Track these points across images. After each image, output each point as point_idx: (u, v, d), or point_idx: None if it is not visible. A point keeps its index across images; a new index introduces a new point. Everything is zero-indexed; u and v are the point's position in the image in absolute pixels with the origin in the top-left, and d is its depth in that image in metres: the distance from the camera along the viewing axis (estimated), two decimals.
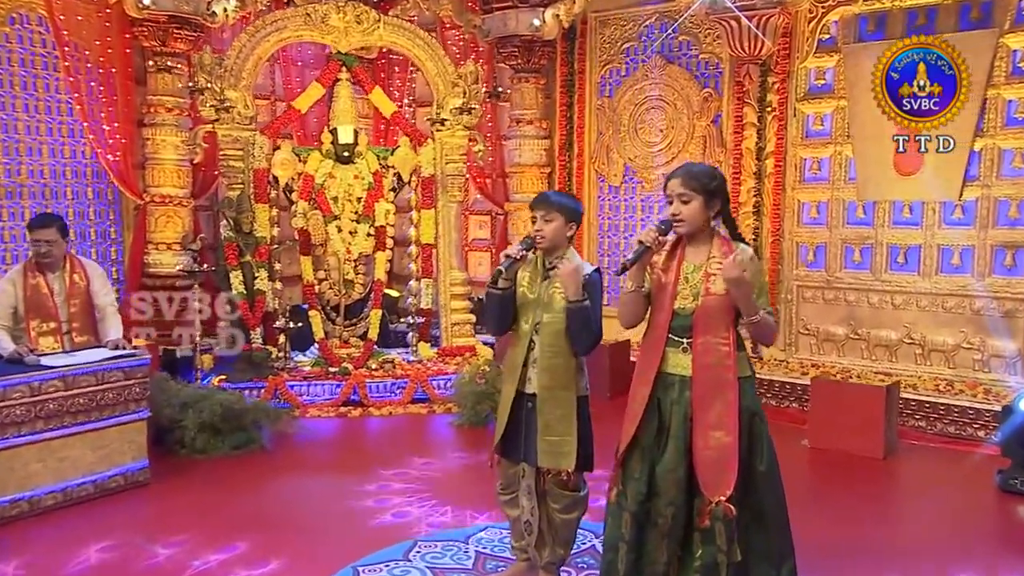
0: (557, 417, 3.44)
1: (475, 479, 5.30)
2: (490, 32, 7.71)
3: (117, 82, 7.00)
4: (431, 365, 6.99)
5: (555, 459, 3.45)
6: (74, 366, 4.76)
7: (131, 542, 4.28)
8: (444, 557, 4.09)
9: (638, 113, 7.69)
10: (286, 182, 7.04)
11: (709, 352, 3.08)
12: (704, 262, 3.13)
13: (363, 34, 7.02)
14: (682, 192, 3.10)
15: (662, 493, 3.11)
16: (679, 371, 3.14)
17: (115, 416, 4.91)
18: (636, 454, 3.19)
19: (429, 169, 7.22)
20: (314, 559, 4.08)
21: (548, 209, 3.49)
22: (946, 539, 4.45)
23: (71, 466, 4.75)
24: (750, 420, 3.11)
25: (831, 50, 6.69)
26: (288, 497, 5.01)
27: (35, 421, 4.59)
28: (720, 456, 3.03)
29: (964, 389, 6.14)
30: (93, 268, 5.48)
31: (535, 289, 3.49)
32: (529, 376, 3.50)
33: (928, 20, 6.30)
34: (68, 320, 5.24)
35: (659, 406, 3.17)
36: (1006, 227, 6.08)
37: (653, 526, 3.16)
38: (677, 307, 3.13)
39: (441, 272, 7.33)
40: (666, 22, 7.43)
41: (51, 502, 4.66)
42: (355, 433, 6.30)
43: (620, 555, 3.20)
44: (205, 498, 4.92)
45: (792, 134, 6.90)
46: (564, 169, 8.09)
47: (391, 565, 4.00)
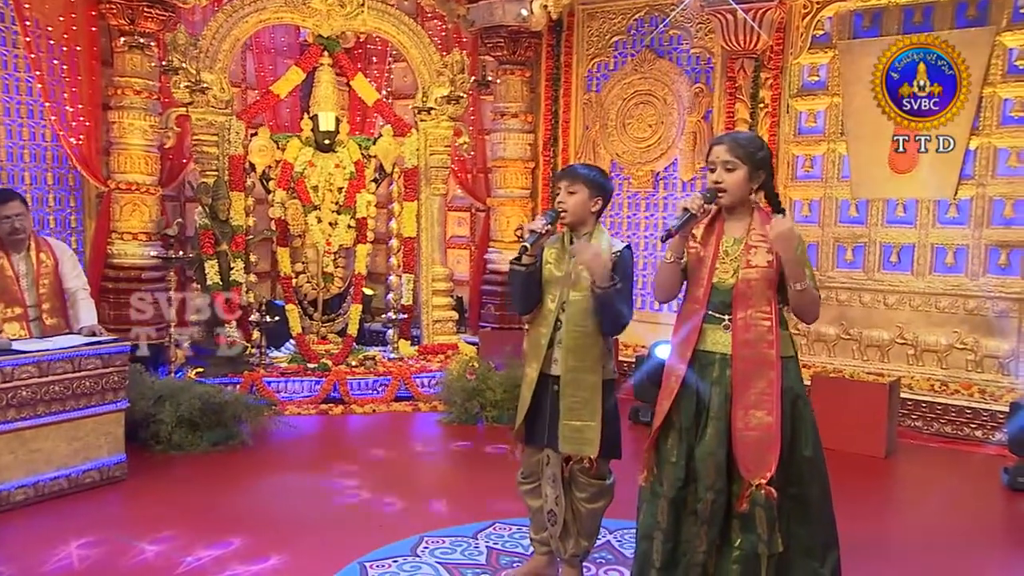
0: (581, 400, 3.33)
1: (471, 475, 5.24)
2: (475, 22, 7.63)
3: (81, 62, 6.71)
4: (413, 363, 6.82)
5: (578, 445, 3.34)
6: (49, 351, 4.50)
7: (113, 539, 4.08)
8: (454, 552, 4.00)
9: (626, 108, 7.67)
10: (263, 170, 6.83)
11: (750, 328, 2.96)
12: (744, 235, 3.01)
13: (346, 18, 6.87)
14: (727, 160, 2.97)
15: (702, 477, 2.99)
16: (719, 349, 3.02)
17: (92, 406, 4.67)
18: (672, 436, 3.08)
19: (412, 160, 7.09)
20: (316, 555, 3.95)
21: (573, 180, 3.38)
22: (957, 536, 4.44)
23: (43, 459, 4.49)
24: (793, 402, 2.98)
25: (825, 46, 6.74)
26: (277, 494, 4.85)
27: (7, 409, 4.33)
28: (761, 437, 2.91)
29: (959, 389, 6.20)
30: (62, 248, 5.20)
31: (562, 266, 3.37)
32: (554, 357, 3.38)
33: (924, 18, 6.38)
34: (36, 304, 4.95)
35: (697, 389, 3.04)
36: (1001, 226, 6.17)
37: (691, 513, 3.04)
38: (716, 281, 3.02)
39: (423, 267, 7.19)
40: (656, 16, 7.44)
41: (21, 497, 4.40)
42: (339, 430, 6.13)
43: (656, 544, 3.07)
44: (188, 495, 4.71)
45: (785, 131, 6.93)
46: (549, 164, 8.01)
47: (399, 561, 3.89)
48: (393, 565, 3.82)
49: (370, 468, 5.21)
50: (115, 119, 6.78)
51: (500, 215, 7.94)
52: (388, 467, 5.27)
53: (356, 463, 5.28)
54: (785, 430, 2.90)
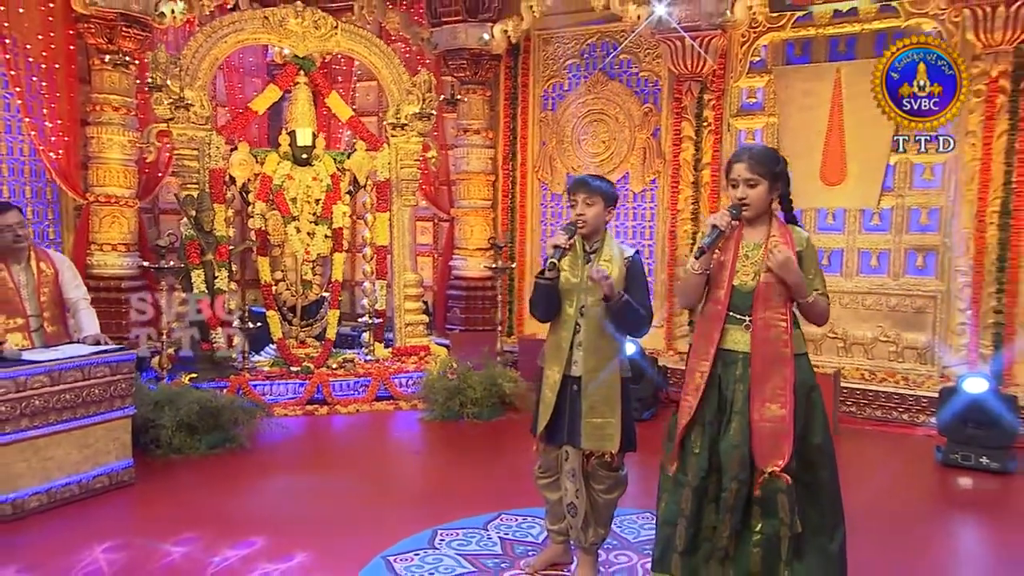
0: (601, 399, 3.32)
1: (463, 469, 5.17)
2: (438, 45, 7.56)
3: (60, 79, 6.44)
4: (390, 364, 6.73)
5: (599, 441, 3.33)
6: (60, 360, 4.29)
7: (136, 542, 3.89)
8: (470, 544, 3.93)
9: (581, 125, 7.71)
10: (243, 183, 6.63)
11: (769, 327, 2.97)
12: (763, 240, 3.01)
13: (320, 39, 6.73)
14: (749, 177, 2.98)
15: (727, 468, 2.98)
16: (740, 348, 3.02)
17: (101, 413, 4.48)
18: (696, 430, 3.05)
19: (384, 173, 6.99)
20: (338, 552, 3.84)
21: (590, 193, 3.36)
22: (907, 506, 4.62)
23: (56, 466, 4.29)
24: (807, 394, 3.00)
25: (762, 71, 6.90)
26: (286, 493, 4.71)
27: (20, 419, 4.11)
28: (775, 428, 2.92)
29: (885, 377, 6.44)
30: (60, 259, 4.96)
31: (577, 273, 3.35)
32: (575, 359, 3.35)
33: (847, 47, 6.61)
34: (38, 313, 4.70)
35: (719, 383, 3.04)
36: (917, 232, 6.45)
37: (712, 501, 3.04)
38: (737, 283, 3.01)
39: (395, 274, 7.09)
40: (607, 41, 7.51)
41: (35, 504, 4.19)
42: (328, 431, 6.00)
43: (679, 530, 3.06)
44: (198, 497, 4.54)
45: (726, 147, 7.03)
46: (508, 177, 7.99)
47: (421, 554, 3.81)
48: (416, 558, 3.74)
49: (368, 466, 5.13)
50: (94, 134, 6.53)
51: (464, 225, 7.88)
52: (384, 464, 5.20)
53: (353, 461, 5.19)
54: (798, 421, 2.92)
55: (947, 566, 4.05)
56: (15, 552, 3.77)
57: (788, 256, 2.89)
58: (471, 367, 6.23)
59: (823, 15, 6.54)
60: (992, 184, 6.13)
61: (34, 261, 4.74)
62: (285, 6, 6.65)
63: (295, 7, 6.61)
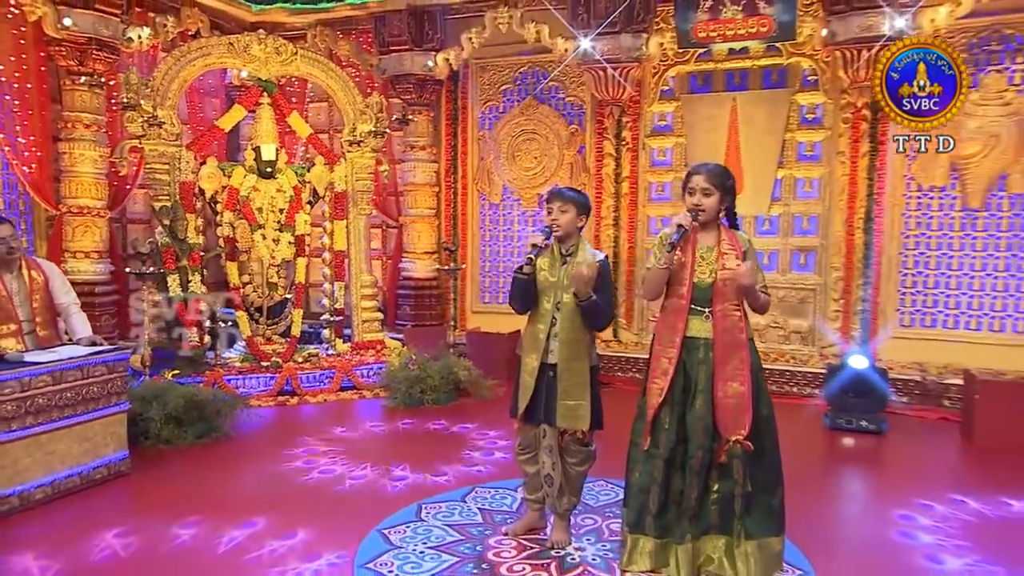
0: (574, 384, 3.36)
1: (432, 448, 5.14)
2: (386, 70, 7.52)
3: (32, 98, 6.12)
4: (351, 357, 6.66)
5: (573, 420, 3.38)
6: (62, 361, 4.09)
7: (144, 527, 3.73)
8: (453, 515, 3.92)
9: (515, 143, 7.77)
10: (212, 194, 6.44)
11: (726, 317, 3.08)
12: (715, 244, 3.12)
13: (282, 64, 6.60)
14: (706, 187, 3.09)
15: (693, 439, 3.08)
16: (702, 335, 3.11)
17: (99, 409, 4.28)
18: (665, 408, 3.13)
19: (341, 185, 6.91)
20: (336, 527, 3.75)
21: (564, 201, 3.38)
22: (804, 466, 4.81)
23: (59, 459, 4.09)
24: (756, 374, 3.11)
25: (671, 99, 7.13)
26: (275, 476, 4.56)
27: (25, 416, 3.90)
28: (737, 403, 3.04)
29: (777, 357, 6.78)
30: (50, 267, 4.73)
31: (555, 272, 3.38)
32: (551, 349, 3.37)
33: (741, 80, 6.90)
34: (30, 319, 4.47)
35: (684, 366, 3.12)
36: (800, 236, 6.82)
37: (679, 468, 3.13)
38: (696, 280, 3.10)
39: (352, 276, 7.02)
40: (537, 70, 7.61)
41: (40, 496, 3.99)
42: (301, 419, 5.85)
43: (652, 496, 3.15)
44: (194, 483, 4.39)
45: (642, 163, 7.26)
46: (450, 189, 7.99)
47: (411, 525, 3.76)
48: (408, 530, 3.71)
49: (346, 450, 5.02)
50: (66, 150, 6.26)
51: (412, 231, 7.85)
52: (360, 447, 5.09)
53: (330, 446, 5.06)
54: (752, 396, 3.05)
55: (838, 506, 4.35)
56: (29, 540, 3.59)
57: (748, 269, 2.99)
58: (429, 358, 6.23)
59: (720, 52, 6.81)
60: (858, 196, 6.52)
61: (25, 270, 4.51)
62: (249, 34, 6.50)
63: (258, 35, 6.47)
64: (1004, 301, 6.27)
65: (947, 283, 6.44)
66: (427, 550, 3.49)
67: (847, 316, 6.62)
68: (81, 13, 5.99)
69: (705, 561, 3.16)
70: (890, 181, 6.48)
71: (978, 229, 6.33)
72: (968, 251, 6.37)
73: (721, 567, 3.13)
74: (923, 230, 6.49)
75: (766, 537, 3.13)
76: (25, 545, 3.54)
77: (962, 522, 3.94)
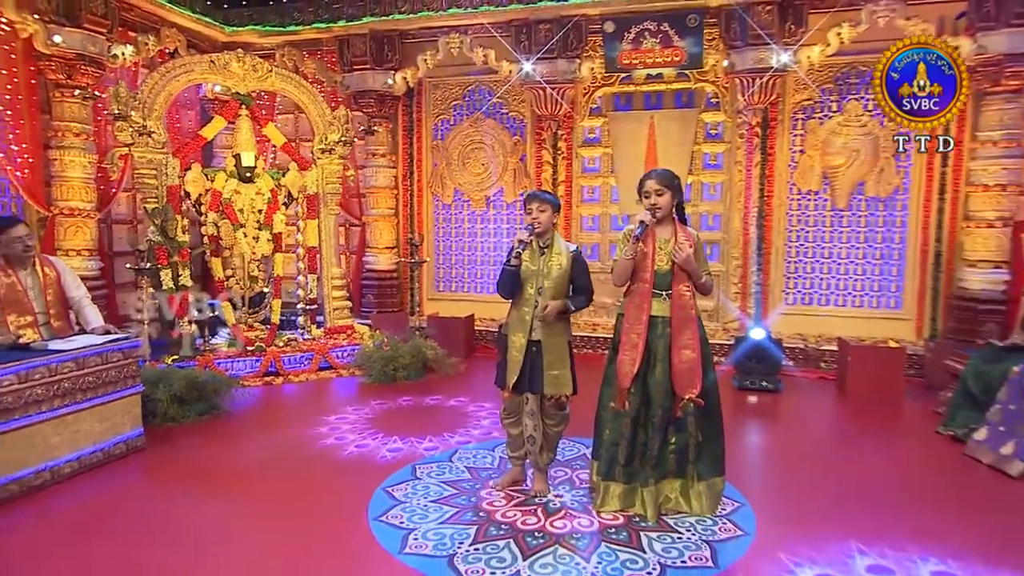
0: (557, 357, 3.47)
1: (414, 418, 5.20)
2: (350, 86, 7.49)
3: (23, 108, 5.85)
4: (326, 341, 6.65)
5: (558, 387, 3.50)
6: (82, 348, 4.02)
7: (172, 494, 3.71)
8: (445, 473, 4.01)
9: (465, 152, 7.85)
10: (196, 197, 6.30)
11: (681, 297, 3.27)
12: (671, 237, 3.31)
13: (258, 80, 6.49)
14: (658, 188, 3.26)
15: (655, 399, 3.28)
16: (661, 314, 3.29)
17: (117, 391, 4.23)
18: (634, 377, 3.26)
19: (313, 188, 6.85)
20: (345, 488, 3.79)
21: (541, 202, 3.47)
22: None
23: (83, 437, 4.03)
24: (704, 345, 3.30)
25: (599, 115, 7.37)
26: (277, 446, 4.53)
27: (53, 399, 3.84)
28: (690, 367, 3.25)
29: None
30: (60, 263, 4.60)
31: (536, 262, 3.48)
32: (534, 327, 3.46)
33: (657, 100, 7.19)
34: (44, 311, 4.36)
35: (648, 341, 3.28)
36: (707, 231, 7.18)
37: (643, 424, 3.32)
38: (656, 268, 3.28)
39: (323, 269, 6.99)
40: (484, 88, 7.72)
41: (68, 470, 3.93)
42: (288, 395, 5.82)
43: (621, 448, 3.35)
44: (206, 455, 4.36)
45: (575, 169, 7.45)
46: (407, 191, 8.03)
47: (410, 484, 3.84)
48: (408, 487, 3.78)
49: (334, 421, 5.02)
50: (56, 157, 6.04)
51: (374, 228, 7.85)
52: (347, 418, 5.10)
53: (320, 418, 5.03)
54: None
55: (747, 447, 4.67)
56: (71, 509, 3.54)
57: (689, 254, 3.22)
58: (399, 340, 6.31)
59: (640, 76, 7.07)
60: (752, 198, 6.90)
61: (39, 266, 4.39)
62: (229, 52, 6.37)
63: (237, 54, 6.35)
64: (864, 282, 6.86)
65: (821, 268, 6.93)
66: (429, 503, 3.58)
67: (744, 296, 7.05)
68: (70, 31, 5.76)
69: (664, 500, 3.40)
70: (777, 186, 6.92)
71: (843, 225, 6.85)
72: (836, 242, 6.87)
73: (679, 504, 3.40)
74: (802, 226, 6.95)
75: (713, 478, 3.41)
76: (61, 513, 3.50)
77: (814, 453, 4.41)
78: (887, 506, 3.60)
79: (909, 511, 3.55)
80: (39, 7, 5.63)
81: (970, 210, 6.28)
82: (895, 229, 6.73)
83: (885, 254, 6.77)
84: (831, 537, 3.22)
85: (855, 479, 3.98)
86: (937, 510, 3.56)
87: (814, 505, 3.61)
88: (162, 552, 3.10)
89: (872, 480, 3.97)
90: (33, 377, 3.70)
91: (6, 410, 3.57)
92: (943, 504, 3.65)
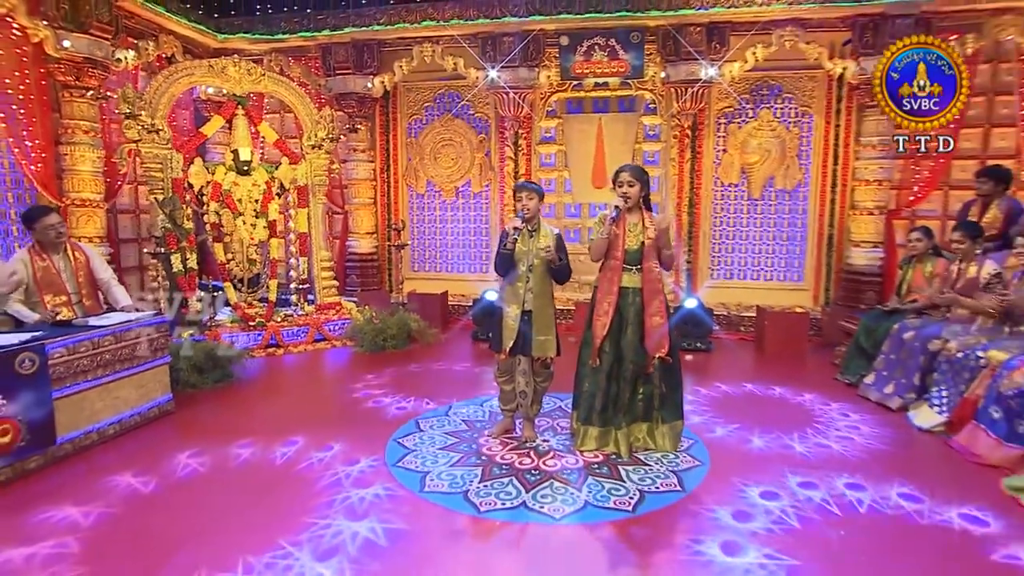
0: (544, 324, 3.64)
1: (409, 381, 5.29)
2: (332, 89, 7.47)
3: (35, 107, 5.66)
4: (319, 316, 6.72)
5: (545, 350, 3.66)
6: (119, 324, 4.05)
7: (209, 449, 3.79)
8: (445, 425, 4.11)
9: (436, 148, 7.93)
10: (199, 188, 6.24)
11: (651, 271, 3.46)
12: (639, 221, 3.49)
13: (252, 83, 6.43)
14: (630, 180, 3.43)
15: (626, 356, 3.48)
16: (632, 285, 3.48)
17: (149, 361, 4.27)
18: (608, 338, 3.49)
19: (303, 180, 6.85)
20: (360, 440, 3.88)
21: (530, 192, 3.57)
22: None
23: (123, 402, 4.08)
24: (669, 314, 3.51)
25: (554, 117, 7.55)
26: (292, 407, 4.60)
27: (96, 369, 3.89)
28: (659, 332, 3.46)
29: None
30: (88, 249, 4.57)
31: (526, 244, 3.60)
32: (526, 299, 3.61)
33: (604, 105, 7.39)
34: (77, 291, 4.35)
35: (619, 308, 3.51)
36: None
37: (615, 380, 3.51)
38: (627, 247, 3.46)
39: (313, 252, 7.02)
40: (453, 92, 7.80)
41: (112, 431, 3.99)
42: (290, 364, 5.86)
43: (597, 399, 3.54)
44: (230, 416, 4.41)
45: (534, 164, 7.61)
46: (385, 183, 8.08)
47: (415, 434, 3.96)
48: (415, 438, 3.90)
49: (334, 384, 5.10)
50: (67, 152, 5.88)
51: (356, 216, 7.88)
52: (347, 381, 5.17)
53: (321, 383, 5.09)
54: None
55: (690, 395, 4.83)
56: (120, 464, 3.60)
57: (670, 222, 3.49)
58: (386, 314, 6.44)
59: (589, 84, 7.27)
60: (684, 189, 7.23)
61: (70, 251, 4.36)
62: (226, 57, 6.29)
63: (233, 59, 6.28)
64: (774, 260, 7.35)
65: (740, 248, 7.35)
66: (437, 451, 3.72)
67: (678, 272, 7.43)
68: (78, 36, 5.59)
69: (634, 440, 3.68)
70: (704, 179, 7.28)
71: (757, 212, 7.28)
72: (752, 227, 7.29)
73: (647, 443, 3.69)
74: (725, 213, 7.33)
75: (674, 421, 3.69)
76: (122, 466, 3.57)
77: (746, 398, 4.81)
78: (804, 437, 4.04)
79: (822, 440, 3.99)
80: (49, 14, 5.44)
81: (855, 200, 6.82)
82: (798, 216, 7.23)
83: (790, 236, 7.27)
84: (767, 462, 3.62)
85: (777, 417, 4.41)
86: (842, 438, 4.03)
87: (749, 438, 4.01)
88: (208, 496, 3.21)
89: (790, 418, 4.41)
90: (79, 350, 3.73)
91: (59, 379, 3.60)
92: (847, 433, 4.12)
